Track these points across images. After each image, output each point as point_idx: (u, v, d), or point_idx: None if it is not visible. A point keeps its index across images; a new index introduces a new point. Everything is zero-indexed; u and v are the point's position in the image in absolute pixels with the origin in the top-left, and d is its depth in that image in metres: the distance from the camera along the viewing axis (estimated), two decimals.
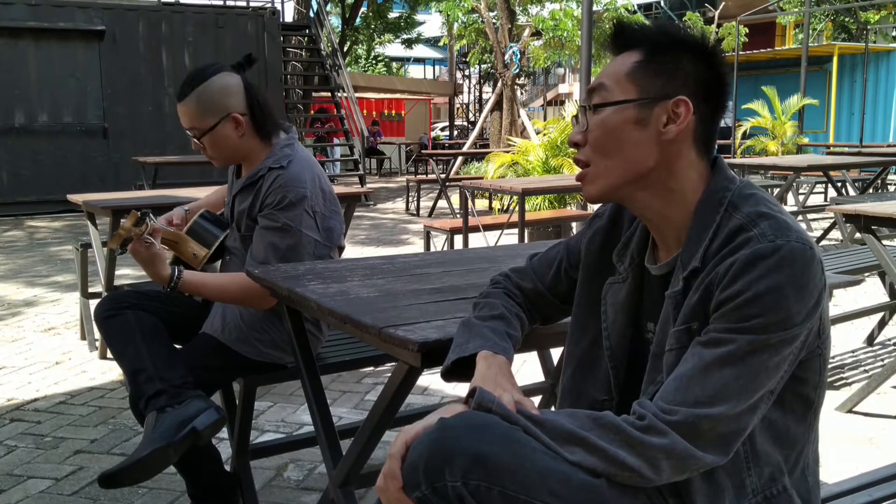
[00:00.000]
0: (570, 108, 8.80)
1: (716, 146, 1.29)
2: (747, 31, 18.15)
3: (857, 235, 4.06)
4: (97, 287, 4.32)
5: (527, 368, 3.85)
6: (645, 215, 1.30)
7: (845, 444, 3.05)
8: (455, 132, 26.22)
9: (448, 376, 1.37)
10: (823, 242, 7.46)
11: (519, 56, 13.36)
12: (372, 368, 3.84)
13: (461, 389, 1.32)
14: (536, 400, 2.86)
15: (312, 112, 16.64)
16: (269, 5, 13.44)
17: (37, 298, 5.71)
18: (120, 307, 2.20)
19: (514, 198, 5.77)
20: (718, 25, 19.04)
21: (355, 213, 10.72)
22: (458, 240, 5.89)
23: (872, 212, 3.31)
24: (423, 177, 13.11)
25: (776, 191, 8.39)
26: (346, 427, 2.58)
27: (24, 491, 2.68)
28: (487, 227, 6.18)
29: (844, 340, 4.41)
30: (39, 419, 3.34)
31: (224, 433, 2.79)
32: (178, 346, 2.30)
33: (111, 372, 3.94)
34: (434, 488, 1.06)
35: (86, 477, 2.78)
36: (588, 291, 1.41)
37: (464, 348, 1.34)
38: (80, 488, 2.70)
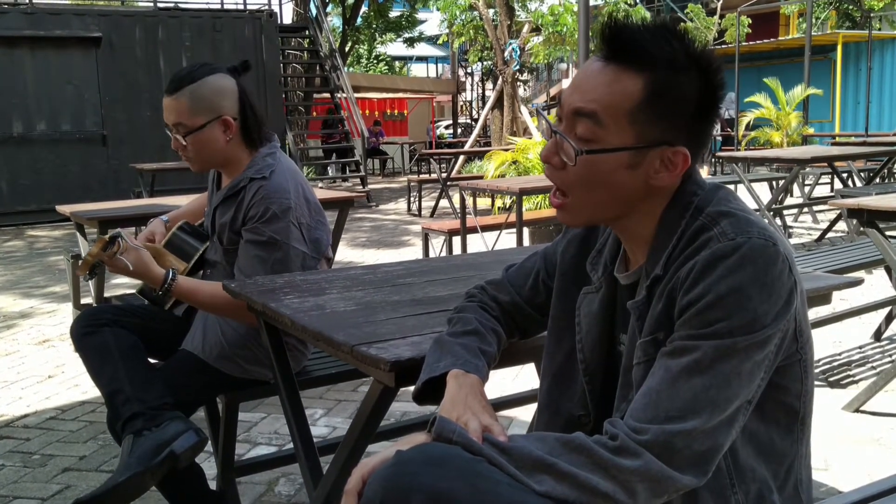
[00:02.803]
0: None
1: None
2: (750, 21, 18.02)
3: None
4: (90, 298, 4.26)
5: (526, 373, 3.78)
6: (615, 227, 1.24)
7: (851, 445, 2.96)
8: (459, 130, 26.11)
9: (421, 399, 1.30)
10: (830, 235, 7.36)
11: (519, 52, 13.26)
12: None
13: None
14: (532, 407, 2.78)
15: (314, 114, 16.57)
16: (266, 7, 13.36)
17: (33, 310, 5.66)
18: (97, 324, 2.13)
19: (514, 197, 5.69)
20: (721, 16, 18.88)
21: (357, 215, 10.73)
22: (457, 241, 5.82)
23: (875, 206, 3.22)
24: (426, 177, 13.03)
25: (781, 182, 8.28)
26: (339, 440, 2.50)
27: None
28: (487, 228, 6.11)
29: (851, 336, 4.32)
30: (28, 436, 3.28)
31: (210, 448, 2.72)
32: (157, 362, 2.23)
33: None
34: None
35: (72, 496, 2.71)
36: (563, 302, 1.34)
37: (434, 368, 1.27)
38: None
